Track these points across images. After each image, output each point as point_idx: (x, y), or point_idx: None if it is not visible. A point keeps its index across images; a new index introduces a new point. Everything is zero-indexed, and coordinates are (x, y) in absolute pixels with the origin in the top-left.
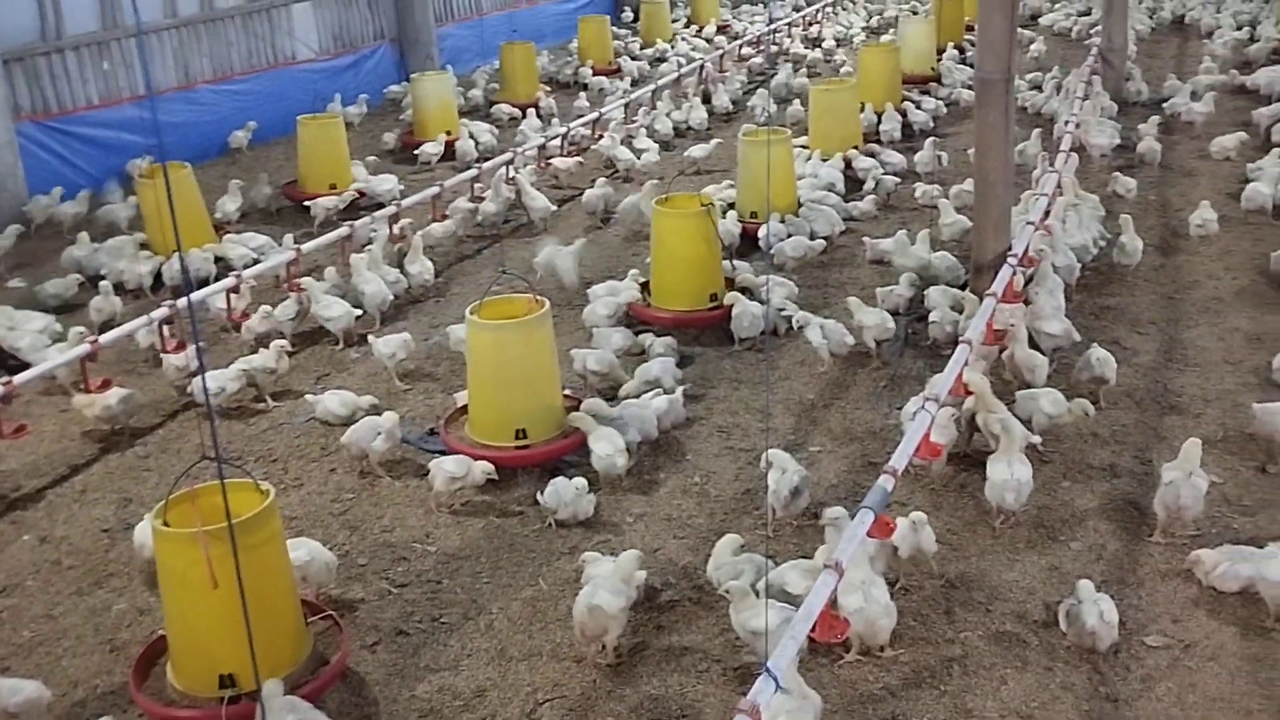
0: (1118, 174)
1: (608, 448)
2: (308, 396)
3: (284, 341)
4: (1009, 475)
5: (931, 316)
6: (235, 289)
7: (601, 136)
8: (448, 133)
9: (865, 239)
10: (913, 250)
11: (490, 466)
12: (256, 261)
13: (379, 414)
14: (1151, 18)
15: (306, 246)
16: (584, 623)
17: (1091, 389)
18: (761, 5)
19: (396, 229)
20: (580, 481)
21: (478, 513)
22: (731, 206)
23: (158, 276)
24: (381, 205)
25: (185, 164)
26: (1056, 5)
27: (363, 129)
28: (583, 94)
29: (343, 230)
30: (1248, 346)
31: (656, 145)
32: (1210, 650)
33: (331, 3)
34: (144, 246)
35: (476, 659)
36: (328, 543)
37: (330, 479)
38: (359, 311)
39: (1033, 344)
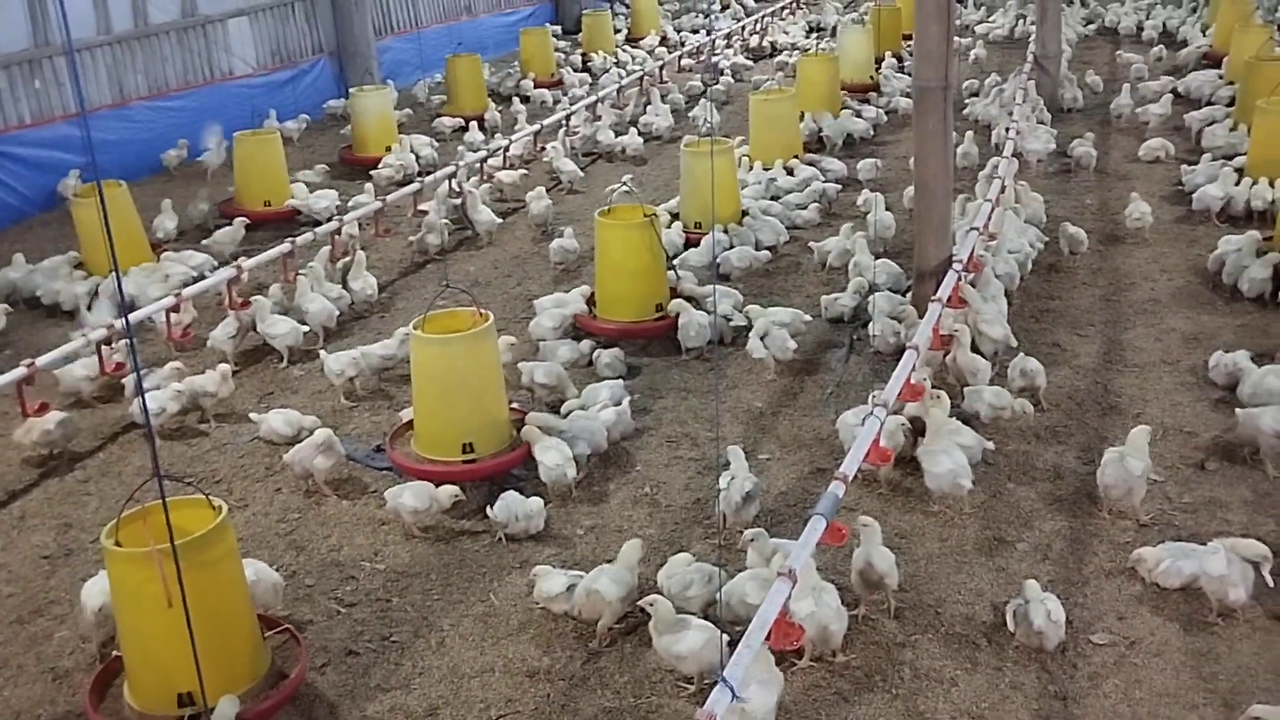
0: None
1: (556, 458)
2: (251, 415)
3: (227, 365)
4: (953, 464)
5: (873, 328)
6: (176, 308)
7: (544, 149)
8: (388, 148)
9: (811, 244)
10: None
11: (455, 489)
12: (197, 279)
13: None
14: (1087, 25)
15: (248, 263)
16: (582, 605)
17: (1028, 396)
18: (701, 15)
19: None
20: (537, 501)
21: (427, 529)
22: (676, 217)
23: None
24: (319, 222)
25: (120, 182)
26: (991, 16)
27: (302, 144)
28: (523, 105)
29: (284, 246)
30: (1184, 347)
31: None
32: (1155, 646)
33: (268, 17)
34: (79, 267)
35: (428, 677)
36: (274, 563)
37: (276, 499)
38: (306, 328)
39: (974, 348)
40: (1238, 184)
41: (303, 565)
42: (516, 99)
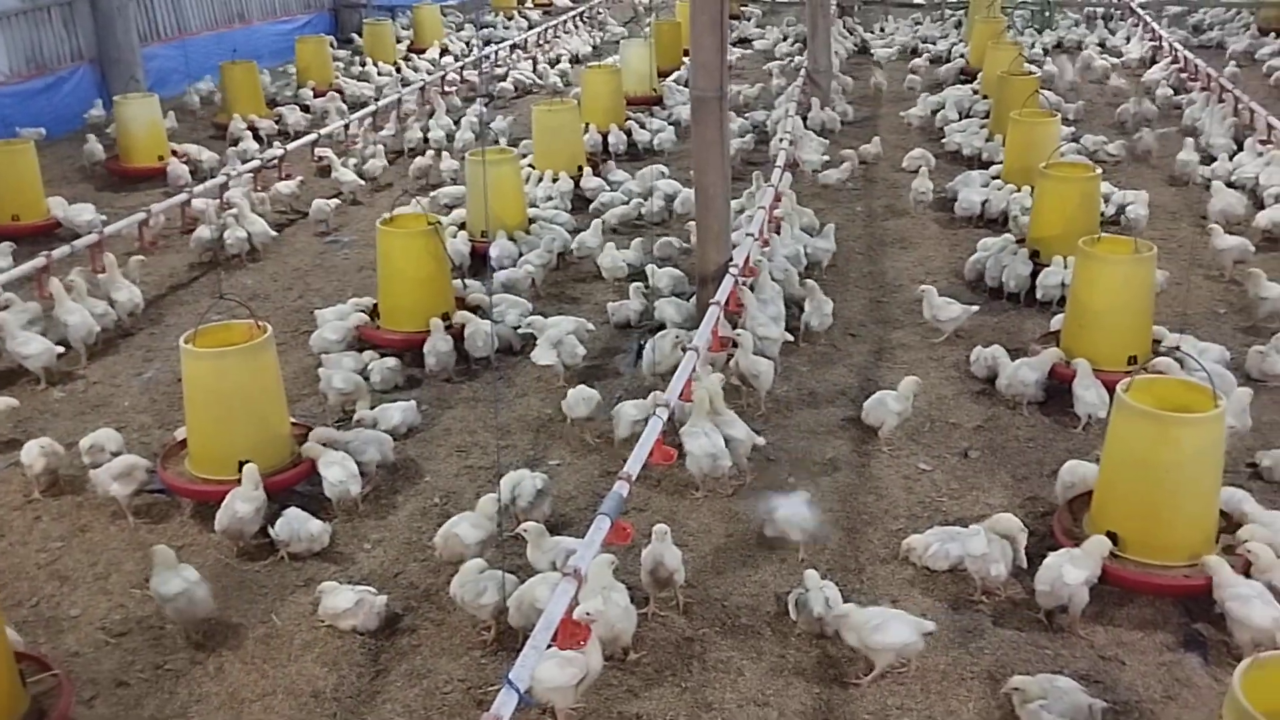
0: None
1: (340, 473)
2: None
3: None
4: (712, 445)
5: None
6: None
7: (324, 159)
8: (160, 157)
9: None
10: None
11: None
12: None
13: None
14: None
15: None
16: (442, 548)
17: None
18: (488, 29)
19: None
20: (318, 524)
21: (203, 550)
22: (462, 226)
23: None
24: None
25: None
26: (766, 32)
27: (62, 154)
28: (301, 114)
29: (38, 260)
30: (948, 344)
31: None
32: None
33: (21, 22)
34: None
35: (206, 704)
36: (34, 595)
37: (35, 528)
38: (61, 350)
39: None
40: (1000, 189)
41: (66, 596)
42: (297, 107)
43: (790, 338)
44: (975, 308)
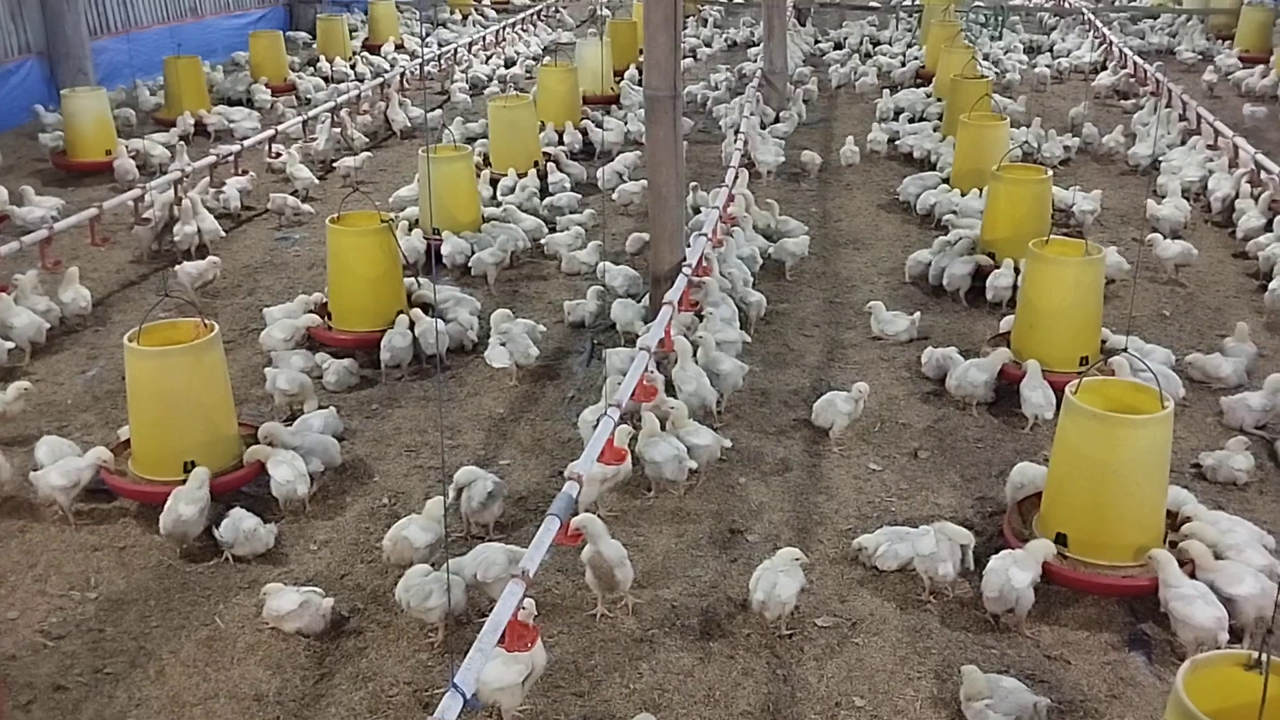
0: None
1: (288, 473)
2: None
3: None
4: (674, 449)
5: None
6: None
7: (280, 155)
8: (108, 152)
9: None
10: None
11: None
12: None
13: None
14: (816, 44)
15: None
16: (389, 551)
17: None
18: (444, 27)
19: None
20: (263, 524)
21: (145, 552)
22: (416, 224)
23: None
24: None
25: None
26: (723, 34)
27: (8, 148)
28: (252, 110)
29: None
30: (900, 344)
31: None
32: (874, 626)
33: None
34: None
35: (146, 708)
36: None
37: None
38: (10, 345)
39: None
40: (949, 191)
41: (4, 598)
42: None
43: (749, 339)
44: (917, 314)
